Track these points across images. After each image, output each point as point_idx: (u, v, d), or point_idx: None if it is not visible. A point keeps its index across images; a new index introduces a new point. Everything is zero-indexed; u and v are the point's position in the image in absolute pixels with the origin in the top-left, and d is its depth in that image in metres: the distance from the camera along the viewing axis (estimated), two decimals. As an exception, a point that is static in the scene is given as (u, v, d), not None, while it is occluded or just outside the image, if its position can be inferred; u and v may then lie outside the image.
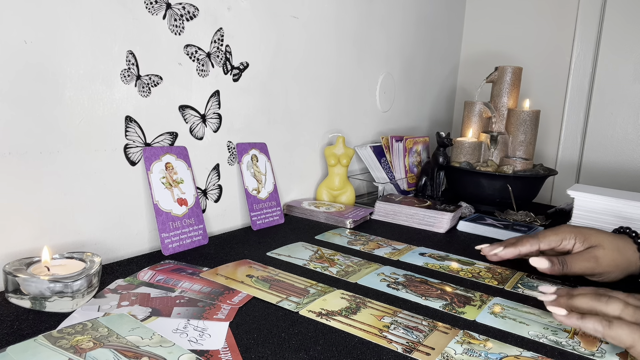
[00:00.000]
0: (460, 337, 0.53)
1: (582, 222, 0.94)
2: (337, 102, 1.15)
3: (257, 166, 0.93)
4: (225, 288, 0.62)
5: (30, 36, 0.59)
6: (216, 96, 0.84)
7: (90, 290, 0.56)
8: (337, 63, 1.13)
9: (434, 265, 0.75)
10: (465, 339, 0.52)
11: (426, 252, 0.82)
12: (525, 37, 1.56)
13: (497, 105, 1.25)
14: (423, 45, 1.48)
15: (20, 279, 0.53)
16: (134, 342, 0.46)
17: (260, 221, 0.91)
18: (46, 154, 0.62)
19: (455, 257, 0.80)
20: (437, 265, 0.76)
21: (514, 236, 0.92)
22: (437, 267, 0.75)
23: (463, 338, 0.52)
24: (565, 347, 0.52)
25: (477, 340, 0.52)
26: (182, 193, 0.78)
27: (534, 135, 1.22)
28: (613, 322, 0.49)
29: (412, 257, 0.79)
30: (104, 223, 0.71)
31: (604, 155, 1.47)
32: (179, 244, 0.75)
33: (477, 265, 0.77)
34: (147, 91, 0.73)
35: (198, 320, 0.53)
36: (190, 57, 0.79)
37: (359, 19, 1.18)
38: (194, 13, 0.78)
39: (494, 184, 1.13)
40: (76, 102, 0.65)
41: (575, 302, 0.53)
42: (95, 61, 0.66)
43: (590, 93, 1.48)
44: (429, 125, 1.60)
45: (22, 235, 0.62)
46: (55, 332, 0.47)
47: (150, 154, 0.74)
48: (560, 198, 1.51)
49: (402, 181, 1.24)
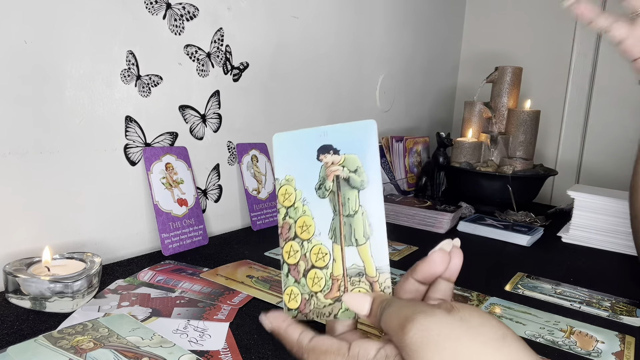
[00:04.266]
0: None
1: (582, 222, 0.94)
2: (337, 102, 1.15)
3: (257, 166, 0.93)
4: (225, 288, 0.62)
5: (30, 36, 0.59)
6: (216, 96, 0.84)
7: (91, 290, 0.56)
8: (337, 63, 1.13)
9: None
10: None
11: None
12: (525, 37, 1.56)
13: (497, 105, 1.25)
14: (423, 45, 1.48)
15: (20, 279, 0.53)
16: (134, 342, 0.46)
17: (260, 221, 0.91)
18: (46, 154, 0.62)
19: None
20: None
21: (513, 236, 0.92)
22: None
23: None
24: (562, 347, 0.52)
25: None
26: (182, 193, 0.78)
27: (534, 135, 1.21)
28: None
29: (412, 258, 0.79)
30: (104, 223, 0.71)
31: (604, 156, 1.47)
32: (179, 244, 0.75)
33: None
34: (147, 91, 0.73)
35: (198, 321, 0.53)
36: (190, 57, 0.79)
37: (359, 19, 1.17)
38: (194, 13, 0.78)
39: (494, 184, 1.13)
40: (76, 102, 0.65)
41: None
42: (95, 61, 0.66)
43: (590, 93, 1.47)
44: (429, 125, 1.60)
45: (23, 236, 0.62)
46: (55, 332, 0.47)
47: (151, 154, 0.74)
48: (560, 198, 1.51)
49: (402, 181, 1.24)
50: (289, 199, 0.37)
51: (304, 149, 0.37)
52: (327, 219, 0.36)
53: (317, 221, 0.36)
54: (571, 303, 0.64)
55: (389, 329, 0.30)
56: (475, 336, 0.27)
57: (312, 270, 0.36)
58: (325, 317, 0.36)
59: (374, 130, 0.36)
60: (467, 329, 0.28)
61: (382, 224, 0.36)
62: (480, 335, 0.28)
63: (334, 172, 0.36)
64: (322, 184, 0.37)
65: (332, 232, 0.36)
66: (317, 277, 0.36)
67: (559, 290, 0.68)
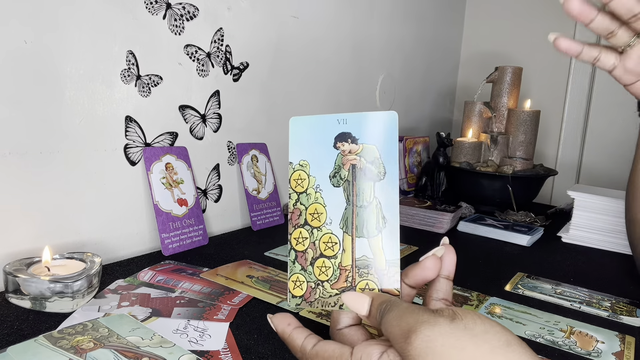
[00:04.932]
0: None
1: (582, 222, 0.94)
2: (337, 102, 1.15)
3: (257, 166, 0.93)
4: (225, 288, 0.62)
5: (30, 36, 0.59)
6: (216, 96, 0.84)
7: (91, 290, 0.56)
8: (337, 63, 1.13)
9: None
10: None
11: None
12: (525, 37, 1.56)
13: (497, 105, 1.25)
14: (423, 45, 1.48)
15: (20, 279, 0.53)
16: (134, 342, 0.46)
17: (260, 221, 0.91)
18: (46, 154, 0.62)
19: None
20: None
21: (513, 236, 0.92)
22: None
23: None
24: (562, 347, 0.52)
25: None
26: (182, 193, 0.78)
27: (534, 135, 1.21)
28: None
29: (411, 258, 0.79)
30: (104, 223, 0.71)
31: (604, 156, 1.47)
32: (179, 244, 0.75)
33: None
34: (147, 91, 0.73)
35: (198, 321, 0.53)
36: (190, 57, 0.79)
37: (359, 19, 1.17)
38: (194, 13, 0.78)
39: (494, 184, 1.13)
40: (76, 102, 0.65)
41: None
42: (95, 61, 0.66)
43: (590, 93, 1.48)
44: (429, 125, 1.60)
45: (22, 236, 0.62)
46: (55, 332, 0.47)
47: (151, 154, 0.74)
48: (560, 198, 1.51)
49: (402, 181, 1.24)
50: (301, 185, 0.36)
51: (321, 134, 0.37)
52: (339, 208, 0.36)
53: (329, 209, 0.36)
54: (571, 303, 0.64)
55: (390, 336, 0.30)
56: (480, 344, 0.27)
57: (320, 259, 0.36)
58: (330, 307, 0.36)
59: (395, 122, 0.36)
60: (471, 337, 0.28)
61: (396, 217, 0.35)
62: (485, 342, 0.27)
63: (351, 161, 0.36)
64: (337, 172, 0.36)
65: (343, 222, 0.36)
66: (324, 266, 0.36)
67: (559, 290, 0.68)
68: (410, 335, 0.28)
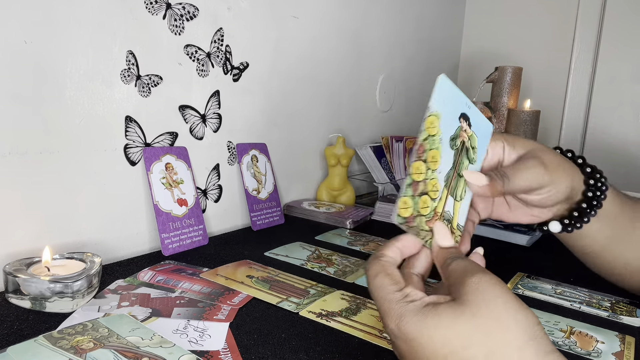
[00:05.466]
0: (460, 337, 0.52)
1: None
2: (337, 102, 1.15)
3: (257, 166, 0.93)
4: (225, 289, 0.62)
5: (30, 36, 0.59)
6: (216, 96, 0.84)
7: (91, 290, 0.56)
8: (337, 63, 1.13)
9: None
10: (465, 340, 0.52)
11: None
12: (525, 37, 1.56)
13: (497, 105, 1.25)
14: (423, 45, 1.48)
15: (20, 279, 0.53)
16: (134, 342, 0.46)
17: (260, 221, 0.91)
18: (46, 154, 0.62)
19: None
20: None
21: (513, 235, 0.92)
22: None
23: (463, 339, 0.52)
24: (561, 347, 0.52)
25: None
26: (182, 193, 0.78)
27: (534, 135, 1.21)
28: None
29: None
30: (104, 223, 0.71)
31: (604, 156, 1.47)
32: (179, 244, 0.75)
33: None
34: (147, 91, 0.73)
35: (198, 321, 0.53)
36: (190, 57, 0.79)
37: (359, 19, 1.17)
38: (194, 13, 0.78)
39: (494, 184, 1.13)
40: (76, 102, 0.65)
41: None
42: (95, 61, 0.66)
43: (590, 93, 1.48)
44: (429, 125, 1.60)
45: (22, 236, 0.62)
46: (55, 332, 0.47)
47: (150, 154, 0.74)
48: (560, 198, 1.51)
49: (402, 181, 1.24)
50: (433, 128, 0.40)
51: (456, 104, 0.42)
52: (447, 165, 0.42)
53: (442, 161, 0.41)
54: (571, 303, 0.64)
55: (452, 277, 0.37)
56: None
57: (426, 196, 0.40)
58: (420, 238, 0.41)
59: (490, 131, 0.48)
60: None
61: (469, 197, 0.45)
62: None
63: (463, 137, 0.43)
64: (455, 138, 0.42)
65: (447, 177, 0.42)
66: (426, 203, 0.40)
67: (559, 291, 0.68)
68: (467, 275, 0.36)
